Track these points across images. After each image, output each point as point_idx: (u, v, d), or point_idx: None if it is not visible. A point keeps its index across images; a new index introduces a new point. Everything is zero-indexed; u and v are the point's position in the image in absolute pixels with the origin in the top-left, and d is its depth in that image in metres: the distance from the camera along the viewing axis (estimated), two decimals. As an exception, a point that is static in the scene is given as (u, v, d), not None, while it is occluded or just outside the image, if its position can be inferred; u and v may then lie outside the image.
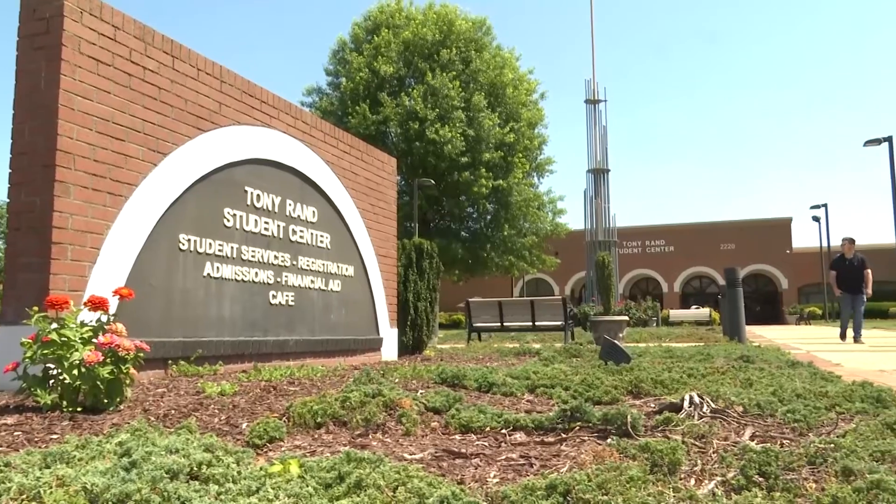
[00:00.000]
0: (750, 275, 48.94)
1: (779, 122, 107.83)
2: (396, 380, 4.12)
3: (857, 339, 12.18)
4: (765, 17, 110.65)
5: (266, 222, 5.39)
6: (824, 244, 41.04)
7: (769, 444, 2.01)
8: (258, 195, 5.32)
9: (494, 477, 1.85)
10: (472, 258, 28.73)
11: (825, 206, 40.65)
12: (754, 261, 48.09)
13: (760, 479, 1.64)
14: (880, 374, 5.56)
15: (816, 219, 41.86)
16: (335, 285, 6.19)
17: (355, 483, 1.52)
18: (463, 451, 2.15)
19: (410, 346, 7.66)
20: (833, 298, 43.80)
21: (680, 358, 5.93)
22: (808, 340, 13.82)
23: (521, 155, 28.19)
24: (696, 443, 2.11)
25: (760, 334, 17.62)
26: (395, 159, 7.79)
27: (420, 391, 3.44)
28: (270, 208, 5.45)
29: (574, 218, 46.88)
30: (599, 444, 2.09)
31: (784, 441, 2.21)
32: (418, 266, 7.76)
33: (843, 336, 12.63)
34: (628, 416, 2.25)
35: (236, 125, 5.14)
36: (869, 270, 12.57)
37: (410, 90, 27.26)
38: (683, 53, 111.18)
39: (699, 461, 1.84)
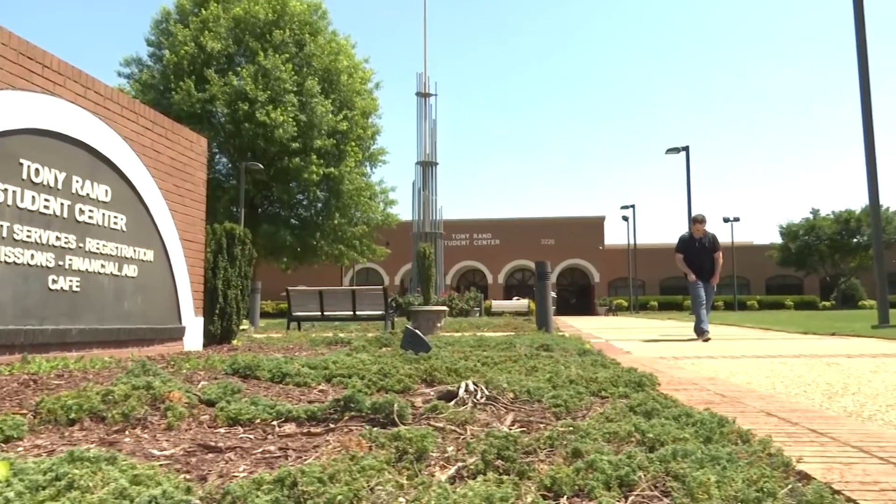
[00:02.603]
0: (567, 268, 52.29)
1: (596, 124, 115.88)
2: (184, 370, 3.89)
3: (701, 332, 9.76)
4: (599, 19, 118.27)
5: (46, 200, 4.88)
6: (631, 242, 44.72)
7: (522, 429, 2.10)
8: (37, 169, 4.80)
9: (244, 471, 1.77)
10: (301, 246, 28.19)
11: (633, 206, 44.28)
12: (571, 255, 51.44)
13: (501, 463, 1.70)
14: (658, 360, 6.09)
15: (626, 218, 45.50)
16: (130, 270, 5.76)
17: (66, 485, 1.38)
18: (220, 445, 2.05)
19: (219, 335, 7.32)
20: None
21: (487, 347, 6.15)
22: (613, 329, 14.97)
23: (353, 143, 28.02)
24: (458, 429, 2.17)
25: (571, 324, 18.83)
26: (206, 139, 7.39)
27: (203, 382, 3.27)
28: (53, 185, 4.94)
29: (405, 209, 47.54)
30: (362, 434, 2.08)
31: (541, 425, 2.32)
32: (229, 252, 7.43)
33: (701, 333, 9.69)
34: (395, 405, 2.26)
35: (10, 90, 4.60)
36: (720, 253, 10.59)
37: (240, 69, 26.16)
38: (514, 51, 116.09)
39: (450, 448, 1.88)
